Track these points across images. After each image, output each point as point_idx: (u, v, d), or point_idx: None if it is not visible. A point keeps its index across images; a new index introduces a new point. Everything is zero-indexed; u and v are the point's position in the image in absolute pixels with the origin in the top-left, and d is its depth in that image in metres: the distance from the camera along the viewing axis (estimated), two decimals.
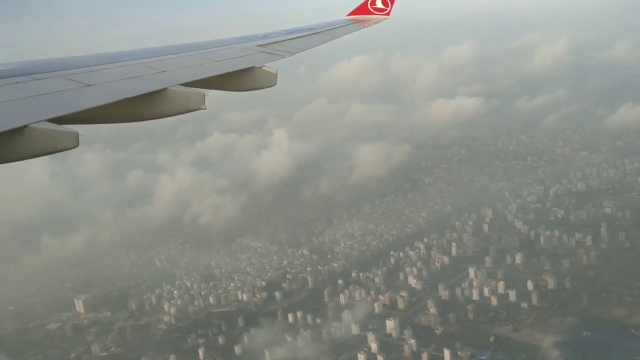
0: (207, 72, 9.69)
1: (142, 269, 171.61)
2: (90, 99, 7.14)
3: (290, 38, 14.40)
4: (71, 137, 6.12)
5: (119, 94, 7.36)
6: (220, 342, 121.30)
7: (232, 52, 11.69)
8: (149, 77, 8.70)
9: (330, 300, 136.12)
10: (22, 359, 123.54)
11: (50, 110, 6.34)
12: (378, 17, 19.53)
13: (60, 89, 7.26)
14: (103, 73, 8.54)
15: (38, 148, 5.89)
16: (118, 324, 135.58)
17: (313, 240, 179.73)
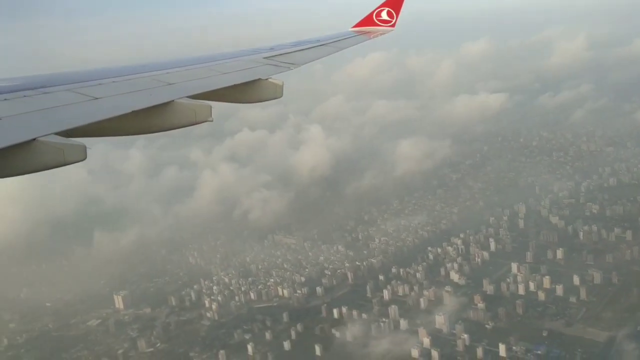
0: (213, 84, 9.72)
1: (175, 266, 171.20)
2: (98, 112, 7.21)
3: (296, 50, 14.43)
4: (79, 150, 6.04)
5: (126, 107, 7.36)
6: (268, 338, 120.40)
7: (239, 64, 11.74)
8: (156, 89, 8.73)
9: (373, 295, 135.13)
10: (67, 355, 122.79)
11: (58, 123, 6.35)
12: (383, 29, 19.56)
13: (68, 102, 7.28)
14: (110, 86, 8.54)
15: (46, 161, 5.85)
16: (160, 320, 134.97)
17: (346, 236, 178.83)
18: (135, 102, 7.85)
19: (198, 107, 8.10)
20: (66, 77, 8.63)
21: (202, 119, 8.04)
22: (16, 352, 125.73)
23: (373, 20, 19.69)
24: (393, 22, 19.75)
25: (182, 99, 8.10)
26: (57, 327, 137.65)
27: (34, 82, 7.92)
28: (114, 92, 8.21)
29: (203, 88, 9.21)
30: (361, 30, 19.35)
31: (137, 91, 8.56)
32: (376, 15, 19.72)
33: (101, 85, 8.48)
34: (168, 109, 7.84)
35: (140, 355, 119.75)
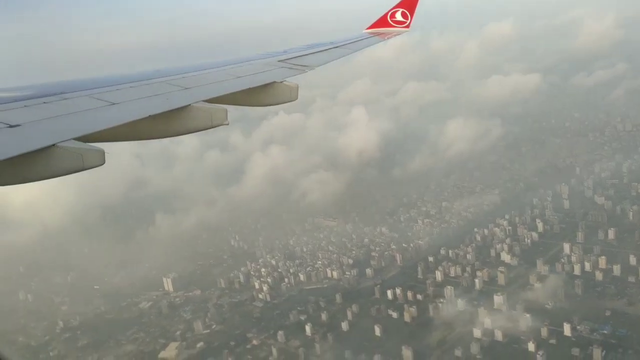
0: (228, 88, 9.75)
1: (218, 249, 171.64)
2: (116, 117, 7.27)
3: (311, 52, 14.43)
4: (98, 155, 6.10)
5: (143, 112, 7.47)
6: (324, 319, 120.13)
7: (253, 68, 11.80)
8: (172, 94, 8.81)
9: (425, 276, 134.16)
10: (123, 337, 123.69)
11: (77, 129, 6.43)
12: (398, 30, 19.46)
13: (87, 108, 7.39)
14: (128, 91, 8.63)
15: (66, 166, 5.93)
16: (212, 302, 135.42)
17: (387, 218, 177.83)
18: (152, 106, 7.94)
19: (214, 110, 8.22)
20: (84, 83, 8.75)
21: (218, 122, 8.16)
22: (72, 334, 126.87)
23: (387, 22, 19.54)
24: (408, 22, 19.62)
25: (198, 103, 8.18)
26: (109, 309, 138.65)
27: (53, 89, 8.02)
28: (131, 97, 8.33)
29: (218, 92, 9.28)
30: (376, 32, 19.21)
31: (154, 96, 8.62)
32: (390, 16, 19.55)
33: (118, 90, 8.59)
34: (185, 113, 7.91)
35: (197, 336, 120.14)
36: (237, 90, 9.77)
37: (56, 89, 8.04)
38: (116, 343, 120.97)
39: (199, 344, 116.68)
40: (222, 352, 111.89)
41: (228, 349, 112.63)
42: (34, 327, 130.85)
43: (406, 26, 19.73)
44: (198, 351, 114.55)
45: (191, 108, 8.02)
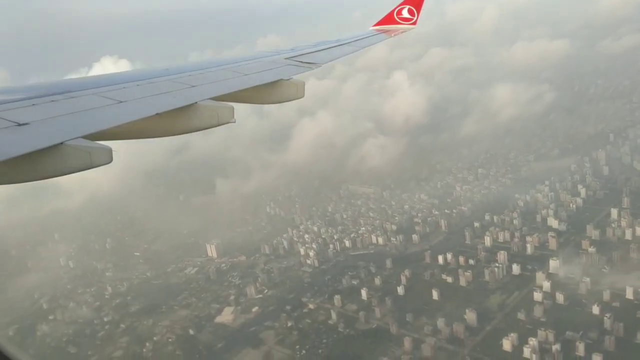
0: (235, 86, 9.74)
1: (253, 216, 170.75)
2: (123, 115, 7.29)
3: (317, 50, 14.34)
4: (105, 153, 6.10)
5: (150, 110, 7.46)
6: (378, 283, 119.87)
7: (260, 65, 11.76)
8: (179, 92, 8.79)
9: (473, 242, 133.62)
10: (175, 302, 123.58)
11: (85, 127, 6.45)
12: (404, 27, 19.33)
13: (94, 106, 7.39)
14: (135, 89, 8.60)
15: (73, 164, 5.96)
16: (259, 267, 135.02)
17: (423, 185, 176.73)
18: (159, 104, 7.91)
19: (221, 108, 8.21)
20: (92, 82, 8.74)
21: (225, 120, 8.14)
22: (122, 299, 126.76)
23: (394, 19, 19.42)
24: (414, 19, 19.43)
25: (205, 101, 8.19)
26: (154, 275, 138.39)
27: (61, 87, 8.04)
28: (138, 96, 8.32)
29: (225, 90, 9.26)
30: (382, 29, 19.05)
31: (161, 94, 8.60)
32: (397, 14, 19.43)
33: (125, 88, 8.55)
34: (191, 111, 7.92)
35: (251, 301, 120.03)
36: (243, 88, 9.73)
37: (63, 88, 8.02)
38: (169, 308, 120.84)
39: (254, 309, 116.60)
40: (279, 316, 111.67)
41: (285, 313, 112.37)
42: (82, 293, 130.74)
43: (413, 23, 19.49)
44: (254, 315, 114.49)
45: (198, 106, 8.01)
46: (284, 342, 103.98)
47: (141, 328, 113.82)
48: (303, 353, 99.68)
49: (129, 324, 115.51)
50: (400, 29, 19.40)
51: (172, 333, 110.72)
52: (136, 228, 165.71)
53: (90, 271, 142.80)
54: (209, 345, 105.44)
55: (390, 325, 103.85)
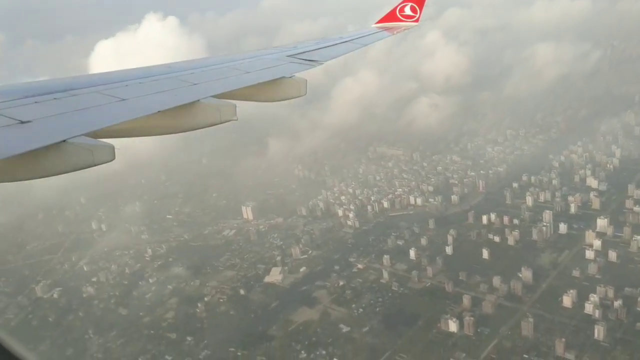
0: (237, 83, 9.76)
1: (283, 178, 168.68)
2: (125, 113, 7.32)
3: (320, 47, 14.22)
4: (108, 151, 6.15)
5: (152, 108, 7.50)
6: (424, 243, 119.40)
7: (262, 63, 11.71)
8: (181, 90, 8.82)
9: (514, 202, 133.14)
10: (219, 263, 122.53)
11: (87, 125, 6.46)
12: (407, 24, 19.26)
13: (96, 104, 7.46)
14: (137, 87, 8.61)
15: (76, 162, 5.99)
16: (299, 229, 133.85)
17: (452, 147, 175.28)
18: (161, 102, 7.91)
19: (223, 106, 8.21)
20: (94, 80, 8.72)
21: (227, 118, 8.14)
22: (164, 261, 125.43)
23: (396, 16, 19.35)
24: (417, 17, 19.36)
25: (207, 99, 8.19)
26: (192, 237, 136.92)
27: (63, 85, 8.06)
28: (141, 93, 8.30)
29: (227, 87, 9.24)
30: (384, 26, 18.99)
31: (163, 92, 8.59)
32: (399, 11, 19.36)
33: (128, 86, 8.54)
34: (193, 109, 7.93)
35: (296, 262, 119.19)
36: (245, 86, 9.66)
37: (66, 85, 8.00)
38: (213, 269, 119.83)
39: (301, 269, 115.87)
40: (329, 276, 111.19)
41: (334, 273, 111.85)
42: (121, 255, 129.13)
43: (415, 20, 19.39)
44: (303, 275, 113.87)
45: (200, 104, 7.99)
46: (339, 301, 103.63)
47: (189, 289, 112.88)
48: (360, 312, 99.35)
49: (175, 285, 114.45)
50: (403, 27, 19.19)
51: (222, 294, 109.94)
52: (163, 192, 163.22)
53: (125, 234, 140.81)
54: (263, 305, 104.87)
55: (444, 284, 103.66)
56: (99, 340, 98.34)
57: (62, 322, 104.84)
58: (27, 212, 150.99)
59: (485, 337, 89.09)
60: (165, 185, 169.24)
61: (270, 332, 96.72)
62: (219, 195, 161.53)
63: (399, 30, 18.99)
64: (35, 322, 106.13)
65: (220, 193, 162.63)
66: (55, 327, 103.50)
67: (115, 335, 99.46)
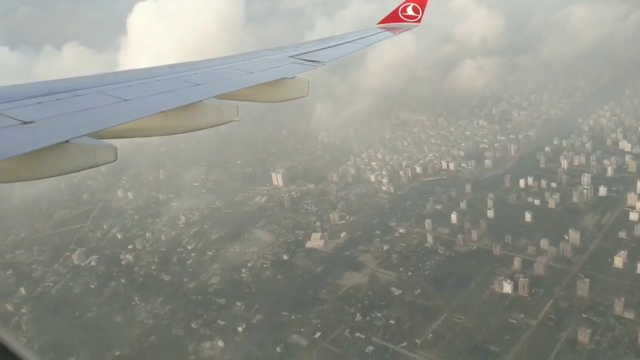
0: (240, 84, 9.78)
1: (306, 145, 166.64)
2: (128, 114, 7.35)
3: (322, 48, 14.15)
4: (110, 151, 6.18)
5: (155, 108, 7.53)
6: (463, 207, 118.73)
7: (265, 63, 11.74)
8: (184, 90, 8.85)
9: (548, 166, 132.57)
10: (255, 229, 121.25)
11: (90, 125, 6.50)
12: (409, 25, 19.27)
13: (99, 105, 7.48)
14: (139, 88, 8.64)
15: (78, 162, 6.02)
16: (332, 195, 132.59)
17: (477, 111, 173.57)
18: (164, 103, 7.96)
19: (225, 107, 8.21)
20: (96, 80, 8.80)
21: (229, 118, 8.15)
22: (199, 228, 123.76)
23: (398, 16, 19.33)
24: (419, 17, 19.31)
25: (210, 99, 8.21)
26: (224, 204, 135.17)
27: (66, 86, 8.11)
28: (143, 94, 8.33)
29: (229, 88, 9.28)
30: (387, 27, 18.99)
31: (166, 92, 8.64)
32: (402, 11, 19.33)
33: (130, 87, 8.57)
34: (196, 110, 7.94)
35: (335, 227, 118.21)
36: (247, 86, 9.69)
37: (68, 86, 8.05)
38: (251, 235, 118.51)
39: (342, 234, 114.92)
40: (372, 240, 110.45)
41: (376, 237, 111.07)
42: (153, 223, 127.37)
43: (417, 21, 19.33)
44: (344, 241, 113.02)
45: (202, 104, 8.01)
46: (385, 265, 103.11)
47: (229, 255, 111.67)
48: (409, 275, 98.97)
49: (215, 252, 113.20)
50: (405, 27, 19.17)
51: (264, 259, 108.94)
52: (184, 160, 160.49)
53: (153, 202, 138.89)
54: (308, 270, 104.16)
55: (491, 247, 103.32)
56: (147, 306, 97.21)
57: (104, 290, 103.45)
58: (49, 182, 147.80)
59: (540, 298, 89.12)
60: (185, 154, 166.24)
61: (320, 296, 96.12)
62: (242, 162, 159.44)
63: (401, 31, 18.88)
64: (77, 289, 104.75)
65: (244, 160, 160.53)
66: (98, 294, 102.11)
67: (162, 301, 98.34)
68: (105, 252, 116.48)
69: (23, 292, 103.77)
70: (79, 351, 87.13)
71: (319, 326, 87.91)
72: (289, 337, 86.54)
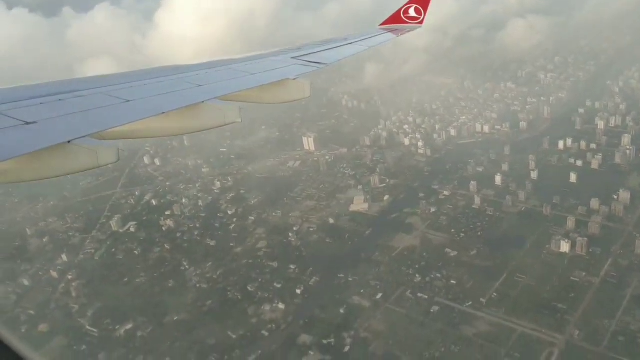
0: (242, 85, 9.82)
1: (330, 109, 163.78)
2: (129, 115, 7.36)
3: (324, 49, 14.20)
4: (112, 152, 6.22)
5: (157, 109, 7.54)
6: (505, 169, 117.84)
7: (267, 65, 11.77)
8: (186, 91, 8.81)
9: (584, 127, 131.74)
10: (294, 194, 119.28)
11: (92, 126, 6.50)
12: (411, 26, 19.24)
13: (101, 106, 7.47)
14: (141, 89, 8.62)
15: (80, 163, 6.04)
16: (367, 158, 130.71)
17: (501, 74, 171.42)
18: (166, 104, 7.93)
19: (227, 108, 8.26)
20: (99, 81, 8.86)
21: (231, 120, 8.19)
22: (235, 193, 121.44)
23: (401, 18, 19.30)
24: (421, 19, 19.25)
25: (212, 101, 8.21)
26: (256, 169, 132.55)
27: (68, 86, 8.15)
28: (145, 95, 8.30)
29: (231, 89, 9.32)
30: (389, 28, 18.97)
31: (168, 93, 8.60)
32: (404, 12, 19.30)
33: (132, 88, 8.57)
34: (198, 111, 7.97)
35: (377, 190, 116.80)
36: (249, 87, 9.72)
37: (71, 87, 8.07)
38: (291, 200, 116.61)
39: (385, 197, 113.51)
40: (417, 203, 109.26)
41: (421, 200, 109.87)
42: (186, 189, 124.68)
43: (419, 22, 19.29)
44: (388, 203, 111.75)
45: (204, 106, 8.01)
46: (435, 226, 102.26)
47: (272, 220, 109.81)
48: (462, 236, 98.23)
49: (256, 216, 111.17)
50: (407, 28, 19.11)
51: (309, 223, 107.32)
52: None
53: (182, 168, 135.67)
54: (356, 233, 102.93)
55: (541, 208, 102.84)
56: (197, 271, 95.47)
57: (149, 255, 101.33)
58: None
59: (599, 257, 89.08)
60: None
61: (374, 258, 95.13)
62: (267, 127, 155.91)
63: (403, 32, 18.77)
64: (121, 255, 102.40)
65: (268, 125, 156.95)
66: (144, 260, 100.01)
67: (212, 265, 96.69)
68: (143, 218, 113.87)
69: (65, 259, 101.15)
70: (136, 317, 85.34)
71: (379, 287, 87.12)
72: (350, 298, 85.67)
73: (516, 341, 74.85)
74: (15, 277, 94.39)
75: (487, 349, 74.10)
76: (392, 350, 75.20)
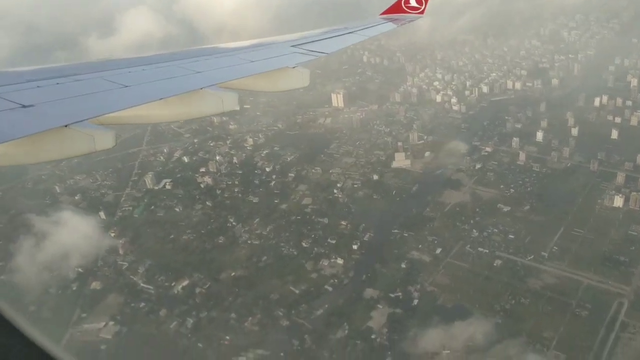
0: (241, 73, 9.77)
1: (352, 66, 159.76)
2: (127, 100, 7.27)
3: (324, 38, 14.20)
4: (108, 137, 6.14)
5: (155, 95, 7.49)
6: (544, 125, 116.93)
7: (266, 53, 11.74)
8: (185, 78, 8.76)
9: (616, 84, 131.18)
10: (330, 150, 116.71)
11: (89, 110, 6.43)
12: (412, 16, 19.22)
13: (99, 90, 7.41)
14: (140, 74, 8.58)
15: (77, 147, 5.94)
16: (400, 115, 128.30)
17: (522, 31, 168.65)
18: (164, 90, 7.87)
19: (225, 95, 8.17)
20: (97, 65, 8.93)
21: (229, 107, 8.15)
22: (270, 150, 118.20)
23: (402, 7, 19.23)
24: (422, 8, 19.14)
25: (210, 88, 8.16)
26: (286, 126, 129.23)
27: (66, 70, 8.04)
28: (144, 80, 8.25)
29: (230, 76, 9.27)
30: (390, 17, 18.86)
31: (166, 79, 8.53)
32: (405, 2, 19.21)
33: (131, 73, 8.53)
34: (196, 97, 7.91)
35: (416, 147, 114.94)
36: (248, 75, 9.65)
37: (69, 71, 7.94)
38: (328, 156, 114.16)
39: (426, 153, 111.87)
40: (461, 159, 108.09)
41: (464, 156, 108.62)
42: (217, 146, 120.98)
43: (420, 12, 19.16)
44: (430, 160, 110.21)
45: (203, 92, 7.94)
46: (483, 182, 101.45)
47: (312, 176, 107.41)
48: (512, 192, 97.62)
49: (296, 173, 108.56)
50: (408, 18, 18.99)
51: (352, 179, 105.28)
52: None
53: (208, 124, 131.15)
54: (403, 189, 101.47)
55: (587, 164, 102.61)
56: (245, 227, 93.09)
57: (192, 213, 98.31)
58: None
59: None
60: None
61: (426, 213, 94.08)
62: None
63: (404, 22, 18.60)
64: (161, 213, 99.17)
65: None
66: (185, 217, 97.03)
67: (260, 222, 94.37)
68: (177, 175, 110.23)
69: (103, 216, 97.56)
70: (191, 273, 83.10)
71: (437, 242, 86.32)
72: (409, 253, 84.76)
73: (584, 293, 75.17)
74: None
75: (556, 300, 74.22)
76: (461, 303, 74.81)
